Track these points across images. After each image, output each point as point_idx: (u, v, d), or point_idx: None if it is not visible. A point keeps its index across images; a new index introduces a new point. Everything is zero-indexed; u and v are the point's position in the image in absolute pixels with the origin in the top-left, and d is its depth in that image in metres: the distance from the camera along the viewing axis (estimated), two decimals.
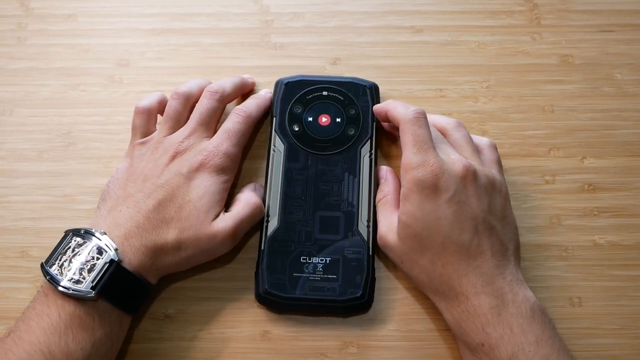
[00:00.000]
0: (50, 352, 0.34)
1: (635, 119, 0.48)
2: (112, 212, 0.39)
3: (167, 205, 0.39)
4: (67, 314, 0.36)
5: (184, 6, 0.52)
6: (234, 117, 0.44)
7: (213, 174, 0.41)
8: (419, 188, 0.38)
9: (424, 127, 0.40)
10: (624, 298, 0.43)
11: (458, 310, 0.37)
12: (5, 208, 0.46)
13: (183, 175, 0.41)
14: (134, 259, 0.38)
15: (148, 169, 0.41)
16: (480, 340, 0.36)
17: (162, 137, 0.43)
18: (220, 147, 0.42)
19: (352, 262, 0.42)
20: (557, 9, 0.51)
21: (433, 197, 0.38)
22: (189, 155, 0.42)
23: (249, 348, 0.42)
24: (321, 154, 0.44)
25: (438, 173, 0.38)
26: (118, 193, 0.41)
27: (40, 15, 0.52)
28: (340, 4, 0.52)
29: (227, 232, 0.40)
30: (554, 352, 0.36)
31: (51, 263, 0.37)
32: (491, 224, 0.39)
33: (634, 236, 0.44)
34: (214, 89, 0.44)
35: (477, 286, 0.37)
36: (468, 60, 0.50)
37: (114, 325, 0.37)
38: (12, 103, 0.49)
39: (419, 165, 0.39)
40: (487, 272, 0.37)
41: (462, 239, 0.38)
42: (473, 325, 0.37)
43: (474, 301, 0.37)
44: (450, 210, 0.38)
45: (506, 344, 0.36)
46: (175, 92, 0.44)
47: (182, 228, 0.39)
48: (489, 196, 0.39)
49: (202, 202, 0.40)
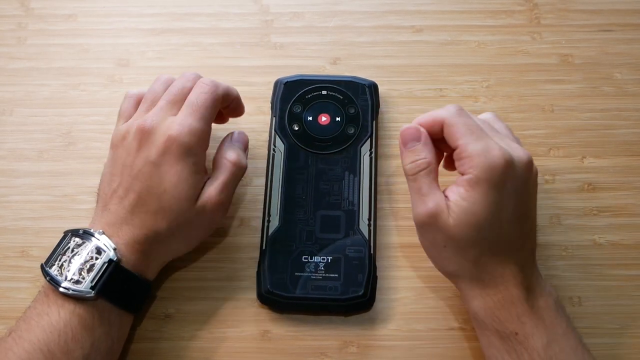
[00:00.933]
0: (50, 351, 0.34)
1: (635, 119, 0.48)
2: (104, 211, 0.39)
3: (147, 197, 0.39)
4: (66, 313, 0.36)
5: (184, 6, 0.52)
6: (197, 88, 0.41)
7: (181, 156, 0.39)
8: (488, 175, 0.35)
9: (470, 117, 0.38)
10: (624, 298, 0.43)
11: (495, 298, 0.37)
12: (5, 208, 0.46)
13: (152, 163, 0.39)
14: (130, 257, 0.38)
15: (122, 158, 0.40)
16: (514, 328, 0.36)
17: (134, 120, 0.42)
18: (184, 123, 0.39)
19: (353, 260, 0.42)
20: (557, 9, 0.51)
21: (501, 185, 0.36)
22: (155, 137, 0.39)
23: (249, 348, 0.42)
24: (321, 153, 0.44)
25: (508, 160, 0.36)
26: (105, 190, 0.41)
27: (40, 15, 0.52)
28: (340, 4, 0.52)
29: (215, 204, 0.40)
30: (579, 345, 0.36)
31: (51, 264, 0.37)
32: (533, 217, 0.39)
33: (633, 236, 0.44)
34: (189, 72, 0.43)
35: (517, 277, 0.37)
36: (468, 60, 0.50)
37: (113, 325, 0.37)
38: (12, 103, 0.49)
39: (484, 151, 0.36)
40: (526, 264, 0.37)
41: (515, 232, 0.37)
42: (509, 314, 0.36)
43: (512, 291, 0.36)
44: (512, 202, 0.36)
45: (540, 333, 0.36)
46: (158, 77, 0.43)
47: (170, 218, 0.39)
48: (535, 190, 0.39)
49: (177, 190, 0.39)
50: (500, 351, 0.37)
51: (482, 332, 0.38)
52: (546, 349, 0.35)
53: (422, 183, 0.37)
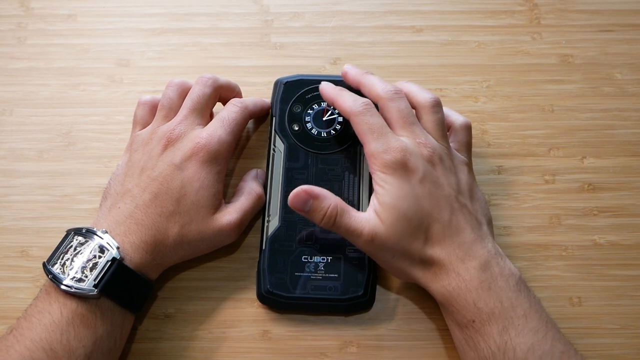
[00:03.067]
0: (52, 349, 0.34)
1: (635, 119, 0.48)
2: (112, 210, 0.39)
3: (164, 199, 0.39)
4: (69, 312, 0.36)
5: (184, 6, 0.52)
6: (229, 107, 0.44)
7: (206, 163, 0.40)
8: (391, 170, 0.38)
9: (375, 116, 0.40)
10: (624, 298, 0.43)
11: (449, 288, 0.37)
12: (5, 208, 0.46)
13: (176, 166, 0.40)
14: (135, 256, 0.38)
15: (143, 161, 0.41)
16: (471, 316, 0.36)
17: (156, 127, 0.43)
18: (214, 134, 0.41)
19: (353, 260, 0.42)
20: (557, 9, 0.51)
21: (406, 177, 0.38)
22: (181, 143, 0.41)
23: (249, 348, 0.42)
24: (321, 153, 0.44)
25: (405, 153, 0.38)
26: (117, 189, 0.41)
27: (40, 15, 0.52)
28: (340, 4, 0.52)
29: (233, 225, 0.41)
30: (542, 325, 0.36)
31: (53, 262, 0.37)
32: (462, 202, 0.39)
33: (633, 236, 0.44)
34: (207, 76, 0.44)
35: (465, 261, 0.37)
36: (468, 60, 0.50)
37: (116, 323, 0.37)
38: (12, 103, 0.49)
39: (384, 149, 0.38)
40: (472, 246, 0.38)
41: (442, 217, 0.38)
42: (464, 302, 0.37)
43: (465, 276, 0.37)
44: (425, 189, 0.38)
45: (497, 318, 0.36)
46: (170, 82, 0.44)
47: (183, 223, 0.39)
48: (456, 176, 0.40)
49: (198, 196, 0.40)
50: (460, 341, 0.38)
51: (448, 324, 0.39)
52: (501, 334, 0.35)
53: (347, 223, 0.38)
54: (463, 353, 0.38)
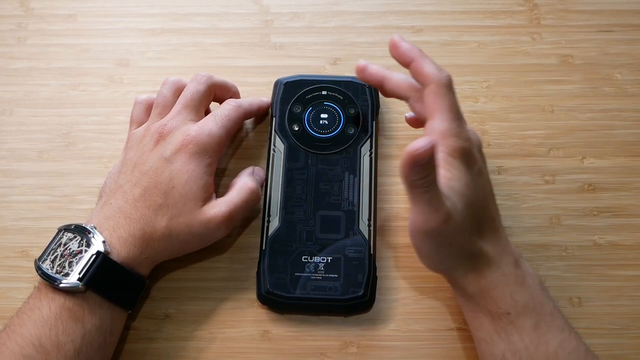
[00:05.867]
0: (41, 345, 0.35)
1: (635, 119, 0.48)
2: (104, 207, 0.40)
3: (153, 192, 0.39)
4: (57, 306, 0.36)
5: (184, 6, 0.52)
6: (223, 105, 0.44)
7: (194, 155, 0.40)
8: (459, 155, 0.37)
9: (454, 94, 0.38)
10: (624, 298, 0.43)
11: (490, 279, 0.37)
12: (5, 208, 0.46)
13: (165, 159, 0.40)
14: (122, 250, 0.38)
15: (136, 157, 0.41)
16: (507, 308, 0.36)
17: (150, 124, 0.43)
18: (204, 127, 0.41)
19: (353, 261, 0.42)
20: (557, 9, 0.51)
21: (469, 166, 0.37)
22: (172, 137, 0.41)
23: (249, 348, 0.42)
24: (321, 153, 0.44)
25: (470, 143, 0.37)
26: (111, 187, 0.41)
27: (40, 15, 0.52)
28: (340, 4, 0.52)
29: (221, 218, 0.40)
30: (566, 324, 0.37)
31: (43, 259, 0.37)
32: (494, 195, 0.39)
33: (633, 236, 0.44)
34: (202, 74, 0.44)
35: (503, 256, 0.37)
36: (468, 60, 0.50)
37: (105, 319, 0.37)
38: (12, 103, 0.49)
39: (457, 133, 0.37)
40: (507, 243, 0.38)
41: (495, 210, 0.38)
42: (502, 293, 0.36)
43: (505, 269, 0.37)
44: (482, 180, 0.38)
45: (530, 312, 0.36)
46: (165, 80, 0.45)
47: (171, 215, 0.39)
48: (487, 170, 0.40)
49: (186, 188, 0.40)
50: (489, 332, 0.37)
51: (474, 314, 0.38)
52: (535, 329, 0.36)
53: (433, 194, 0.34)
54: (489, 344, 0.37)
